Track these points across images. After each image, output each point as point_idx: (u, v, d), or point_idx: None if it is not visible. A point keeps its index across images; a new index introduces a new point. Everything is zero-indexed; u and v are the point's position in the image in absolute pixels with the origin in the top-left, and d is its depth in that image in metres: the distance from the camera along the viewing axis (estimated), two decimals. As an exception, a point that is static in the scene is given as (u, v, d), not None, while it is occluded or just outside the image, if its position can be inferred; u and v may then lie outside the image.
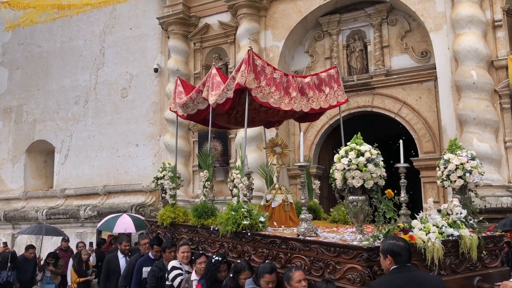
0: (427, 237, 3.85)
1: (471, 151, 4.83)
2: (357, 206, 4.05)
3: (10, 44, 15.94)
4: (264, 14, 11.62)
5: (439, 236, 3.91)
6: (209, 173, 6.37)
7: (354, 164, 4.01)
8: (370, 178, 3.99)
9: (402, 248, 3.42)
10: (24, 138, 15.11)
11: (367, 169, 3.98)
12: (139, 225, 10.26)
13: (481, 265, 4.23)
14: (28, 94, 15.26)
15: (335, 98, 6.43)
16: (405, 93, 10.47)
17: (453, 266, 4.04)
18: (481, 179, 4.71)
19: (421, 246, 3.79)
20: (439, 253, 3.79)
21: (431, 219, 4.07)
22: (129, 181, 13.00)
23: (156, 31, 13.15)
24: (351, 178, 4.01)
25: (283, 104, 5.79)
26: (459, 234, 4.04)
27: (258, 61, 5.60)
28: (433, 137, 10.07)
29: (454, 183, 4.69)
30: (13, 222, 14.35)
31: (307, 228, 4.48)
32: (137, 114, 13.20)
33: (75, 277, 9.45)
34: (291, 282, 3.98)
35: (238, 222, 4.99)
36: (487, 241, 4.31)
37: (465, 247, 4.02)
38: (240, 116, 6.84)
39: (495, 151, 8.86)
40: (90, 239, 12.58)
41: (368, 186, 4.01)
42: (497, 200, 8.55)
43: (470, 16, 9.18)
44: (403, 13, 10.69)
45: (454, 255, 4.05)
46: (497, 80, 9.22)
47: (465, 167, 4.64)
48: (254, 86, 5.47)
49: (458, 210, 4.27)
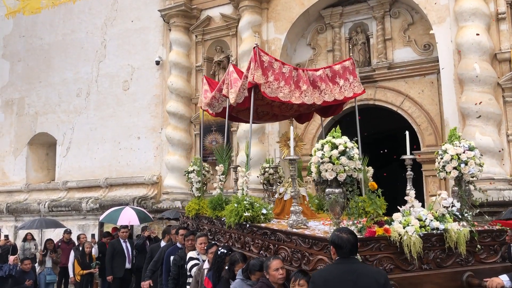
0: (404, 230, 3.80)
1: (470, 141, 4.70)
2: (332, 199, 4.09)
3: (11, 36, 15.91)
4: (266, 6, 11.57)
5: (418, 229, 3.83)
6: (225, 167, 6.52)
7: (327, 157, 4.05)
8: (342, 171, 4.02)
9: (344, 240, 3.36)
10: (26, 130, 15.12)
11: (339, 162, 4.01)
12: (143, 218, 10.33)
13: (474, 260, 4.11)
14: (30, 87, 15.25)
15: (351, 90, 6.37)
16: (408, 86, 10.43)
17: (439, 260, 3.96)
18: (479, 171, 4.56)
19: (396, 239, 3.76)
20: (416, 247, 3.73)
21: (414, 212, 4.02)
22: (131, 173, 13.02)
23: (157, 24, 13.10)
24: (325, 171, 4.06)
25: (293, 98, 5.81)
26: (445, 228, 3.95)
27: (264, 57, 5.65)
28: (435, 130, 10.05)
29: (450, 174, 4.56)
30: (15, 215, 14.41)
31: (295, 220, 4.60)
32: (138, 106, 13.19)
33: (78, 269, 9.50)
34: (268, 271, 4.10)
35: (240, 214, 5.10)
36: (483, 235, 4.20)
37: (451, 241, 3.93)
38: (262, 111, 6.96)
39: (498, 145, 8.85)
40: (92, 231, 12.63)
41: (341, 178, 4.05)
42: (499, 193, 8.55)
43: (473, 8, 9.12)
44: (406, 6, 10.63)
45: (440, 249, 3.96)
46: (500, 73, 9.18)
47: (461, 158, 4.50)
48: (262, 82, 5.52)
49: (446, 203, 4.21)
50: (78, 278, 9.52)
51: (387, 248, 3.80)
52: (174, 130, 12.09)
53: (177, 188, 11.90)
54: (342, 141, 4.13)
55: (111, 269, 9.23)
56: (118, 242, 9.42)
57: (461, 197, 4.56)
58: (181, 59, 12.29)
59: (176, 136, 12.06)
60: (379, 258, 3.78)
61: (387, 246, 3.81)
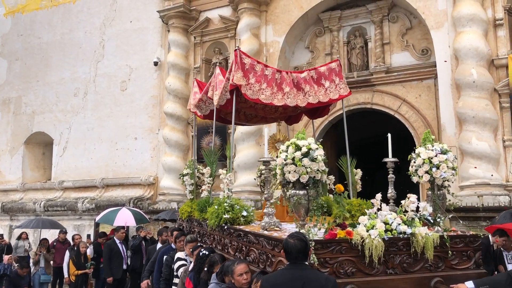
0: (368, 233, 3.77)
1: (444, 144, 4.59)
2: (295, 200, 4.10)
3: (9, 35, 15.88)
4: (265, 9, 11.59)
5: (382, 233, 3.79)
6: (212, 169, 6.51)
7: (290, 158, 4.07)
8: (305, 172, 4.02)
9: (291, 246, 3.33)
10: (23, 129, 15.08)
11: (301, 164, 4.02)
12: (139, 219, 10.30)
13: (444, 266, 4.02)
14: (27, 86, 15.22)
15: (336, 92, 6.35)
16: (405, 90, 10.46)
17: (405, 265, 3.89)
18: (452, 175, 4.42)
19: (357, 242, 3.75)
20: (378, 251, 3.71)
21: (381, 216, 3.99)
22: (128, 174, 13.00)
23: (156, 25, 13.11)
24: (288, 173, 4.07)
25: (275, 100, 5.83)
26: (412, 232, 3.90)
27: (246, 60, 5.69)
28: (432, 135, 10.06)
29: (422, 178, 4.46)
30: (10, 214, 14.36)
31: (268, 222, 4.60)
32: (136, 107, 13.18)
33: (73, 269, 9.47)
34: (233, 276, 3.99)
35: (220, 216, 5.11)
36: (456, 241, 4.10)
37: (418, 246, 3.87)
38: (250, 114, 7.00)
39: (494, 150, 8.88)
40: (87, 231, 12.60)
41: (303, 180, 4.05)
42: (494, 198, 8.58)
43: (471, 14, 9.17)
44: (404, 10, 10.67)
45: (407, 254, 3.90)
46: (497, 79, 9.22)
47: (433, 162, 4.38)
48: (243, 83, 5.56)
49: (413, 206, 4.18)
50: (73, 278, 9.49)
51: (349, 251, 3.77)
52: (171, 131, 12.08)
53: (174, 189, 11.89)
54: (306, 142, 4.13)
55: (110, 270, 9.10)
56: (114, 243, 9.30)
57: (434, 201, 4.49)
58: (179, 60, 12.29)
59: (173, 137, 12.05)
60: (340, 261, 3.74)
61: (349, 249, 3.78)
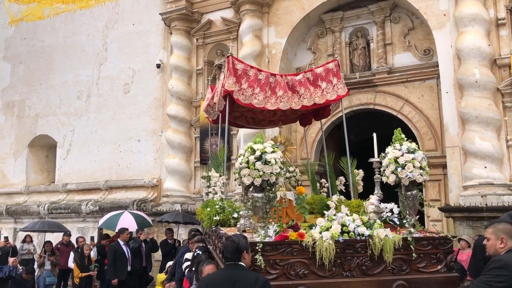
0: (320, 235, 3.75)
1: (412, 143, 4.43)
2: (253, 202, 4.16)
3: (13, 38, 15.95)
4: (267, 10, 11.62)
5: (335, 235, 3.76)
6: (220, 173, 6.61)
7: (245, 162, 4.16)
8: (258, 175, 4.09)
9: (225, 246, 3.41)
10: (27, 132, 15.14)
11: (254, 167, 4.09)
12: (141, 223, 10.29)
13: (410, 269, 3.89)
14: (31, 89, 15.27)
15: (334, 92, 6.31)
16: (408, 91, 10.46)
17: (364, 267, 3.83)
18: (420, 175, 4.25)
19: (308, 244, 3.74)
20: (328, 253, 3.69)
21: (339, 217, 3.97)
22: (131, 176, 13.03)
23: (158, 27, 13.14)
24: (244, 176, 4.15)
25: (268, 104, 5.89)
26: (370, 234, 3.84)
27: (238, 65, 5.77)
28: (435, 135, 10.07)
29: (389, 179, 4.35)
30: (15, 217, 14.40)
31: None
32: (139, 109, 13.22)
33: (77, 272, 9.50)
34: (202, 276, 4.06)
35: (212, 218, 5.18)
36: (423, 243, 3.97)
37: (375, 248, 3.81)
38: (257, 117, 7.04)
39: (497, 150, 8.86)
40: (91, 233, 12.63)
41: (257, 183, 4.12)
42: (498, 198, 8.56)
43: (473, 14, 9.16)
44: (406, 11, 10.68)
45: (367, 256, 3.83)
46: (500, 79, 9.21)
47: (398, 161, 4.26)
48: (236, 89, 5.63)
49: (371, 208, 4.18)
50: (77, 280, 9.51)
51: (300, 253, 3.76)
52: (174, 133, 12.11)
53: (177, 191, 11.91)
54: (260, 146, 4.20)
55: (115, 272, 9.04)
56: (118, 245, 9.26)
57: (402, 202, 4.40)
58: (181, 63, 12.32)
59: (176, 139, 12.07)
60: (290, 262, 3.73)
61: (301, 251, 3.76)
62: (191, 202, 11.83)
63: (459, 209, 8.95)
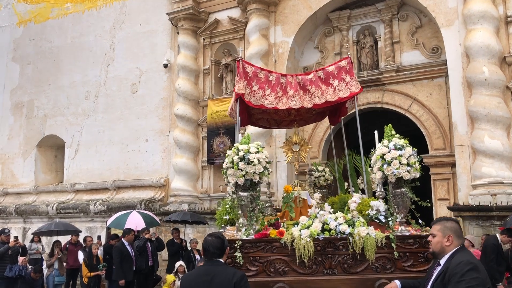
0: (299, 233, 3.77)
1: (402, 139, 4.32)
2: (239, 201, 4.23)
3: (21, 39, 16.06)
4: (274, 9, 11.59)
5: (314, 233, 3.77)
6: None
7: (229, 162, 4.25)
8: (241, 175, 4.16)
9: (207, 243, 3.46)
10: (35, 133, 15.23)
11: (237, 167, 4.17)
12: (149, 222, 10.30)
13: (395, 268, 3.86)
14: (39, 89, 15.37)
15: (347, 90, 6.20)
16: (416, 89, 10.40)
17: (346, 265, 3.81)
18: (407, 172, 4.13)
19: (287, 242, 3.78)
20: (306, 250, 3.73)
21: (321, 215, 3.98)
22: (139, 176, 13.07)
23: (165, 27, 13.17)
24: (229, 176, 4.25)
25: (280, 104, 5.90)
26: (350, 232, 3.82)
27: (248, 68, 5.80)
28: (443, 133, 10.00)
29: (376, 175, 4.32)
30: (24, 216, 14.50)
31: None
32: (146, 109, 13.25)
33: (86, 271, 9.54)
34: None
35: (222, 217, 5.25)
36: (409, 242, 3.92)
37: (356, 246, 3.79)
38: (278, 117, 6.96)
39: (507, 148, 8.78)
40: (99, 233, 12.68)
41: (240, 183, 4.20)
42: (508, 197, 8.49)
43: (482, 11, 9.08)
44: (414, 9, 10.61)
45: (347, 254, 3.82)
46: (509, 77, 9.13)
47: (385, 158, 4.19)
48: (247, 92, 5.66)
49: (353, 206, 4.21)
50: (86, 280, 9.55)
51: (280, 250, 3.81)
52: (182, 132, 12.13)
53: (185, 190, 11.92)
54: (245, 147, 4.27)
55: (122, 272, 9.10)
56: (123, 245, 9.29)
57: (388, 200, 4.36)
58: (189, 62, 12.34)
59: (184, 138, 12.09)
60: (270, 260, 3.78)
61: (281, 249, 3.81)
62: (199, 202, 11.85)
63: (468, 208, 8.88)
